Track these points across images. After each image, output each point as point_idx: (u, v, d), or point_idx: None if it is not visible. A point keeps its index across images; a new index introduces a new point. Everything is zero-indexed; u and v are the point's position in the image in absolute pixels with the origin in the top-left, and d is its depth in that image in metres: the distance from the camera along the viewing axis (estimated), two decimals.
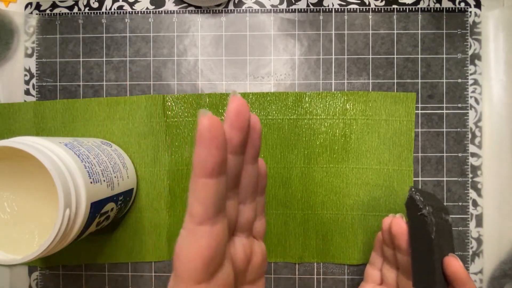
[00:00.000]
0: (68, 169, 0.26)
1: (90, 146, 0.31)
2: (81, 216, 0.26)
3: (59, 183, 0.24)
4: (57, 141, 0.28)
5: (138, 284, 0.37)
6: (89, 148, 0.30)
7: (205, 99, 0.36)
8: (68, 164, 0.26)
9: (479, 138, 0.36)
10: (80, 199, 0.26)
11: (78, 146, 0.29)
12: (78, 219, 0.26)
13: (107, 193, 0.30)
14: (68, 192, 0.25)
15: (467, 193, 0.36)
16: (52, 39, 0.37)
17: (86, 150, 0.29)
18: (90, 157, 0.29)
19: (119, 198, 0.32)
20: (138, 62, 0.37)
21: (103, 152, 0.32)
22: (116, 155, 0.33)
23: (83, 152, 0.29)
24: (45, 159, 0.24)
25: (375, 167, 0.36)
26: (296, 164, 0.36)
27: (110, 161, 0.32)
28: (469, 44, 0.37)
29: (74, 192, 0.26)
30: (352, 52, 0.37)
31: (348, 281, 0.36)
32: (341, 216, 0.36)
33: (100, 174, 0.29)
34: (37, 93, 0.37)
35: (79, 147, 0.29)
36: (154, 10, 0.37)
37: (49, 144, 0.27)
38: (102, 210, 0.29)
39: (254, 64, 0.37)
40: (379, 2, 0.37)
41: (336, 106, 0.36)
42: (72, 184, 0.25)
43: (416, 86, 0.37)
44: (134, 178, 0.35)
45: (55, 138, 0.29)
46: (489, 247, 0.36)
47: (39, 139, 0.27)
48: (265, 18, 0.37)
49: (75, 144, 0.29)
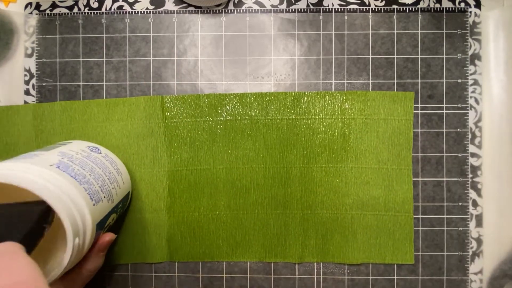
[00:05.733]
0: (70, 198, 0.24)
1: (81, 159, 0.29)
2: (88, 239, 0.26)
3: (65, 217, 0.23)
4: (46, 164, 0.26)
5: (138, 284, 0.37)
6: (81, 164, 0.28)
7: (204, 100, 0.36)
8: (69, 192, 0.25)
9: (479, 138, 0.36)
10: (87, 225, 0.26)
11: (70, 164, 0.27)
12: (86, 242, 0.26)
13: (108, 207, 0.29)
14: (75, 223, 0.24)
15: (467, 193, 0.36)
16: (52, 39, 0.37)
17: (80, 167, 0.28)
18: (87, 176, 0.28)
19: (118, 207, 0.32)
20: (138, 62, 0.37)
21: (96, 163, 0.30)
22: (108, 162, 0.32)
23: (78, 171, 0.27)
24: (48, 195, 0.23)
25: (374, 167, 0.36)
26: (295, 164, 0.36)
27: (105, 173, 0.30)
28: (469, 44, 0.37)
29: (81, 221, 0.25)
30: (352, 52, 0.37)
31: (348, 281, 0.36)
32: (340, 216, 0.36)
33: (100, 192, 0.28)
34: (37, 93, 0.37)
35: (71, 164, 0.27)
36: (154, 10, 0.37)
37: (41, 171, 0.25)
38: (105, 224, 0.29)
39: (254, 64, 0.37)
40: (379, 2, 0.37)
41: (335, 105, 0.36)
42: (77, 213, 0.25)
43: (416, 86, 0.37)
44: (129, 180, 0.35)
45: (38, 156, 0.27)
46: (489, 247, 0.36)
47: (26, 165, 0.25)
48: (265, 18, 0.37)
49: (66, 162, 0.27)
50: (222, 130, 0.36)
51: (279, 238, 0.36)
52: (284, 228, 0.36)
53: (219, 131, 0.36)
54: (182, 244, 0.36)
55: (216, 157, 0.36)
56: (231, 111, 0.36)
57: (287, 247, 0.36)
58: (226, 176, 0.36)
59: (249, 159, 0.36)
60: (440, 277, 0.36)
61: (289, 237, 0.36)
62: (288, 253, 0.36)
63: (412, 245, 0.36)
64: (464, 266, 0.36)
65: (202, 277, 0.37)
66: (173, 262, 0.37)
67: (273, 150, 0.36)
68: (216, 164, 0.36)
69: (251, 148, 0.36)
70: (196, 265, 0.37)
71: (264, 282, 0.36)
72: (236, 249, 0.36)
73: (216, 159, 0.36)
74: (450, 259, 0.36)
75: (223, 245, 0.36)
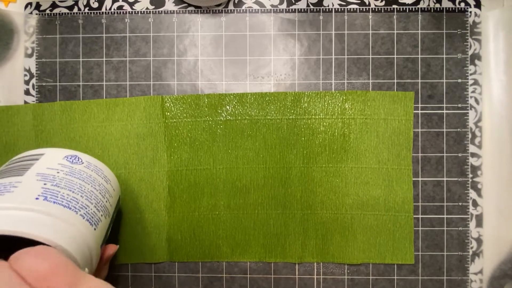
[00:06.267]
0: (72, 235, 0.23)
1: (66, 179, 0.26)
2: (95, 262, 0.25)
3: (76, 254, 0.22)
4: (30, 197, 0.23)
5: (138, 284, 0.37)
6: (68, 185, 0.25)
7: (204, 100, 0.36)
8: (69, 226, 0.23)
9: (479, 138, 0.36)
10: (93, 254, 0.25)
11: (57, 191, 0.24)
12: (93, 266, 0.25)
13: (106, 224, 0.28)
14: (84, 256, 0.23)
15: (467, 193, 0.36)
16: (52, 39, 0.37)
17: (68, 191, 0.25)
18: (79, 199, 0.25)
19: (113, 216, 0.30)
20: (138, 62, 0.37)
21: (82, 179, 0.27)
22: (94, 172, 0.29)
23: (68, 197, 0.25)
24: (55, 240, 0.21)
25: (374, 166, 0.36)
26: (295, 164, 0.36)
27: (95, 188, 0.27)
28: (469, 44, 0.37)
29: (88, 251, 0.24)
30: (352, 52, 0.37)
31: (348, 281, 0.36)
32: (340, 216, 0.36)
33: (96, 211, 0.26)
34: (37, 93, 0.37)
35: (59, 190, 0.24)
36: (154, 10, 0.37)
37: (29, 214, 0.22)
38: (105, 238, 0.29)
39: (254, 64, 0.37)
40: (379, 2, 0.37)
41: (335, 105, 0.36)
42: (85, 245, 0.23)
43: (416, 86, 0.37)
44: (117, 183, 0.32)
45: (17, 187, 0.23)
46: (489, 247, 0.36)
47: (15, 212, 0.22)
48: (265, 18, 0.37)
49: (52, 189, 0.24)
50: (222, 130, 0.36)
51: (279, 238, 0.36)
52: (284, 228, 0.36)
53: (219, 131, 0.36)
54: (182, 244, 0.36)
55: (216, 157, 0.36)
56: (231, 111, 0.36)
57: (287, 247, 0.36)
58: (226, 176, 0.36)
59: (249, 159, 0.36)
60: (440, 277, 0.36)
61: (289, 237, 0.36)
62: (288, 253, 0.36)
63: (412, 245, 0.36)
64: (464, 266, 0.36)
65: (202, 277, 0.37)
66: (173, 262, 0.37)
67: (273, 150, 0.36)
68: (216, 164, 0.36)
69: (251, 148, 0.36)
70: (196, 265, 0.37)
71: (264, 282, 0.36)
72: (236, 249, 0.36)
73: (216, 159, 0.36)
74: (450, 259, 0.36)
75: (223, 245, 0.36)
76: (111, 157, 0.36)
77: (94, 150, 0.36)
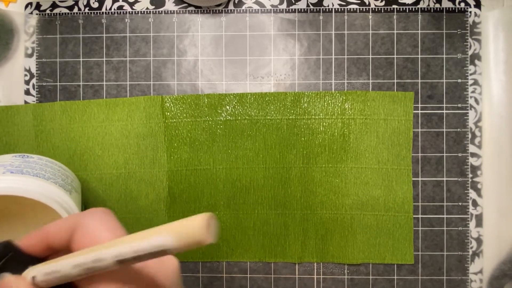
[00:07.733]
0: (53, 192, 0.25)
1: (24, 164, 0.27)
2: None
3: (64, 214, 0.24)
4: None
5: None
6: (28, 166, 0.27)
7: (204, 100, 0.36)
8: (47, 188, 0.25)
9: (479, 138, 0.36)
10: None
11: (20, 168, 0.26)
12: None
13: (78, 198, 0.29)
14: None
15: (467, 193, 0.36)
16: (52, 39, 0.37)
17: (30, 169, 0.26)
18: (43, 174, 0.27)
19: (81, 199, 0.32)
20: (138, 62, 0.37)
21: (40, 165, 0.28)
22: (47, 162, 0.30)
23: (34, 171, 0.26)
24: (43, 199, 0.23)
25: (374, 167, 0.36)
26: (295, 164, 0.36)
27: (54, 169, 0.29)
28: (469, 44, 0.37)
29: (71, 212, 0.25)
30: (352, 52, 0.37)
31: (348, 281, 0.36)
32: (340, 216, 0.36)
33: (65, 184, 0.28)
34: (37, 93, 0.37)
35: (21, 168, 0.26)
36: (154, 10, 0.37)
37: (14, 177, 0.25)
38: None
39: (254, 64, 0.37)
40: (379, 2, 0.37)
41: (335, 105, 0.36)
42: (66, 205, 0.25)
43: (416, 86, 0.37)
44: (77, 180, 0.33)
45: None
46: (489, 247, 0.36)
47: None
48: (265, 18, 0.37)
49: (13, 168, 0.26)
50: (222, 130, 0.36)
51: (278, 238, 0.36)
52: (283, 228, 0.36)
53: (219, 131, 0.36)
54: None
55: (216, 157, 0.36)
56: (231, 111, 0.36)
57: (287, 247, 0.36)
58: (226, 176, 0.36)
59: (249, 159, 0.36)
60: (440, 277, 0.36)
61: (289, 237, 0.36)
62: (288, 253, 0.36)
63: (412, 245, 0.36)
64: (464, 266, 0.36)
65: (202, 277, 0.37)
66: None
67: (273, 150, 0.36)
68: (216, 164, 0.36)
69: (251, 148, 0.36)
70: (196, 265, 0.37)
71: (264, 282, 0.36)
72: (236, 249, 0.36)
73: (216, 159, 0.36)
74: (450, 259, 0.36)
75: (223, 245, 0.36)
76: (111, 157, 0.36)
77: (94, 150, 0.36)
